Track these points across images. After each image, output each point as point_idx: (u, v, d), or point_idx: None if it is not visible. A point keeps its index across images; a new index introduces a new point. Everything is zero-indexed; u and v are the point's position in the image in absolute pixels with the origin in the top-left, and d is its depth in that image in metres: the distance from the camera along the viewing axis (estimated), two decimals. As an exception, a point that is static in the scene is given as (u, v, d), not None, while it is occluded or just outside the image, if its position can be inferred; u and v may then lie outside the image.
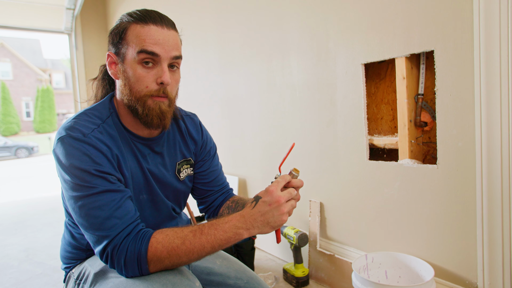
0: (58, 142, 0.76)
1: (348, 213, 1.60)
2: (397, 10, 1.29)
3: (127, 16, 0.82)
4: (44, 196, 4.90)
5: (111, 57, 0.83)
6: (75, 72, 4.63)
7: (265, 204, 0.75)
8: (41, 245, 2.63)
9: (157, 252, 0.73)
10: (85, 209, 0.73)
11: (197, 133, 1.04)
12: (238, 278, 0.96)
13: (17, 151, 13.65)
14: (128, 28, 0.80)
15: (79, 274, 0.88)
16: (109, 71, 0.84)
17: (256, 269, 1.93)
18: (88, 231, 0.74)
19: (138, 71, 0.79)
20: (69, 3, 4.25)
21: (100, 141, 0.77)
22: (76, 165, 0.73)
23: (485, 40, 1.05)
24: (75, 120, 0.79)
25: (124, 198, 0.77)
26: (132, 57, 0.79)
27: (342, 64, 1.53)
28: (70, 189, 0.74)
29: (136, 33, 0.79)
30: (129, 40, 0.79)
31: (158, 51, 0.78)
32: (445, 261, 1.24)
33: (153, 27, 0.79)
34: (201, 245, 0.74)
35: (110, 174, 0.76)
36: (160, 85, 0.80)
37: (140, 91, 0.80)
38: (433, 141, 1.36)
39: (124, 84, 0.82)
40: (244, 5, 2.11)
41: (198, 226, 0.76)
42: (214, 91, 2.52)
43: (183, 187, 1.00)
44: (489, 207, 1.09)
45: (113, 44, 0.82)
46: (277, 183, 0.76)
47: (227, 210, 1.05)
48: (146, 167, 0.88)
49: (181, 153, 0.99)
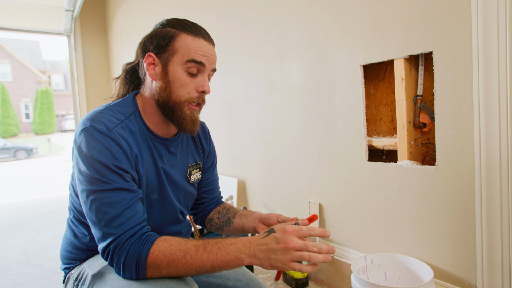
0: (82, 132, 0.76)
1: (347, 214, 1.60)
2: (396, 12, 1.29)
3: (177, 24, 0.86)
4: (43, 198, 4.89)
5: (152, 58, 0.86)
6: (74, 73, 4.63)
7: (274, 240, 0.71)
8: (40, 247, 2.63)
9: (157, 260, 0.73)
10: (96, 203, 0.74)
11: (206, 141, 1.08)
12: (237, 280, 0.96)
13: (16, 153, 13.62)
14: (178, 36, 0.84)
15: (78, 275, 0.88)
16: (147, 71, 0.86)
17: (255, 271, 1.92)
18: (96, 226, 0.75)
19: (183, 78, 0.85)
20: (68, 5, 4.26)
21: (122, 138, 0.79)
22: (97, 157, 0.74)
23: (484, 41, 1.05)
24: (100, 114, 0.80)
25: (135, 199, 0.78)
26: (179, 63, 0.84)
27: (341, 65, 1.53)
28: (85, 181, 0.75)
29: (187, 43, 0.84)
30: (177, 48, 0.84)
31: (205, 62, 0.85)
32: (444, 262, 1.24)
33: (202, 41, 0.86)
34: (201, 262, 0.73)
35: (127, 172, 0.78)
36: (200, 93, 0.87)
37: (181, 95, 0.85)
38: (432, 142, 1.36)
39: (164, 87, 0.85)
40: (243, 6, 2.11)
41: (202, 242, 0.76)
42: (213, 92, 2.52)
43: (193, 190, 1.03)
44: (488, 208, 1.09)
45: (157, 46, 0.85)
46: (299, 229, 0.72)
47: (217, 215, 1.08)
48: (161, 166, 0.90)
49: (193, 156, 1.03)
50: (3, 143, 13.68)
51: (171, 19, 0.88)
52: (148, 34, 0.89)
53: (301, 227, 0.72)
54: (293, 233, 0.70)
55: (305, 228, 0.72)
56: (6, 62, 24.05)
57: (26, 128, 24.24)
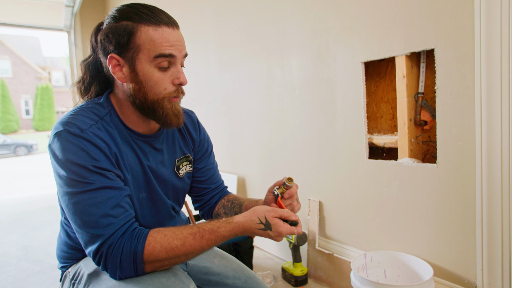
0: (55, 137, 0.74)
1: (347, 212, 1.59)
2: (397, 8, 1.28)
3: (132, 15, 0.77)
4: (43, 194, 4.89)
5: (116, 60, 0.79)
6: (74, 70, 4.62)
7: (267, 235, 0.79)
8: (40, 243, 2.63)
9: (155, 251, 0.72)
10: (80, 206, 0.71)
11: (194, 130, 1.04)
12: (236, 277, 0.95)
13: (16, 149, 13.61)
14: (137, 30, 0.76)
15: (75, 274, 0.87)
16: (114, 74, 0.80)
17: (254, 268, 1.92)
18: (81, 229, 0.72)
19: (155, 75, 0.79)
20: (68, 1, 4.24)
21: (98, 137, 0.76)
22: (73, 160, 0.71)
23: (486, 38, 1.04)
24: (73, 116, 0.77)
25: (122, 196, 0.76)
26: (147, 61, 0.77)
27: (342, 62, 1.52)
28: (65, 185, 0.72)
29: (150, 37, 0.76)
30: (140, 44, 0.76)
31: (174, 53, 0.79)
32: (444, 261, 1.24)
33: (166, 29, 0.78)
34: (201, 247, 0.76)
35: (108, 170, 0.75)
36: (177, 86, 0.82)
37: (158, 93, 0.80)
38: (433, 140, 1.35)
39: (138, 88, 0.80)
40: (244, 2, 2.09)
41: (198, 230, 0.76)
42: (213, 88, 2.51)
43: (183, 184, 1.00)
44: (488, 206, 1.09)
45: (117, 46, 0.77)
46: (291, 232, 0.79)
47: (223, 209, 1.06)
48: (146, 164, 0.87)
49: (180, 149, 0.99)
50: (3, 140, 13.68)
51: (123, 9, 0.79)
52: (103, 30, 0.80)
53: (293, 231, 0.79)
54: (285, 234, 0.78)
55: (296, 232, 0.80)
56: (6, 58, 24.00)
57: (26, 125, 24.24)
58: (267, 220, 0.77)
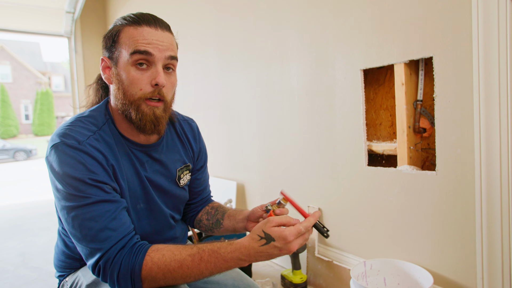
0: (52, 149, 0.73)
1: (347, 219, 1.59)
2: (396, 16, 1.29)
3: (121, 20, 0.80)
4: (41, 199, 4.87)
5: (105, 62, 0.81)
6: (74, 75, 4.63)
7: (275, 249, 0.70)
8: (38, 249, 2.61)
9: (152, 272, 0.71)
10: (78, 220, 0.71)
11: (194, 140, 1.03)
12: (236, 286, 0.95)
13: (15, 154, 13.59)
14: (121, 31, 0.78)
15: (72, 283, 0.86)
16: (103, 76, 0.82)
17: (253, 275, 1.91)
18: (81, 243, 0.72)
19: (131, 73, 0.77)
20: (69, 7, 4.26)
21: (95, 149, 0.75)
22: (70, 173, 0.71)
23: (484, 46, 1.05)
24: (70, 127, 0.76)
25: (119, 209, 0.75)
26: (125, 59, 0.77)
27: (341, 69, 1.53)
28: (63, 199, 0.72)
29: (129, 35, 0.77)
30: (122, 43, 0.77)
31: (151, 50, 0.76)
32: (444, 269, 1.23)
33: (146, 28, 0.77)
34: (200, 272, 0.72)
35: (105, 183, 0.74)
36: (155, 86, 0.77)
37: (134, 94, 0.77)
38: (432, 148, 1.35)
39: (117, 88, 0.79)
40: (244, 10, 2.11)
41: (197, 251, 0.73)
42: (213, 95, 2.52)
43: (183, 193, 0.99)
44: (488, 214, 1.09)
45: (107, 48, 0.81)
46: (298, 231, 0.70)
47: (206, 216, 1.05)
48: (144, 175, 0.86)
49: (181, 159, 0.97)
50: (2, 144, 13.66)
51: (121, 16, 0.82)
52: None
53: (299, 228, 0.71)
54: (293, 238, 0.70)
55: (303, 227, 0.71)
56: (7, 63, 24.06)
57: (25, 129, 24.22)
58: (266, 232, 0.71)
